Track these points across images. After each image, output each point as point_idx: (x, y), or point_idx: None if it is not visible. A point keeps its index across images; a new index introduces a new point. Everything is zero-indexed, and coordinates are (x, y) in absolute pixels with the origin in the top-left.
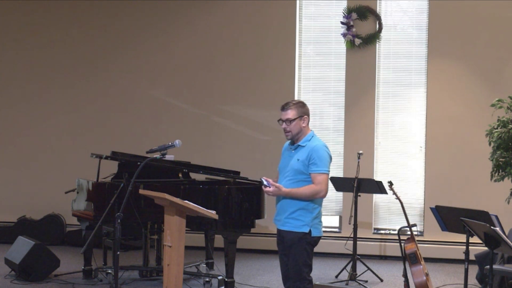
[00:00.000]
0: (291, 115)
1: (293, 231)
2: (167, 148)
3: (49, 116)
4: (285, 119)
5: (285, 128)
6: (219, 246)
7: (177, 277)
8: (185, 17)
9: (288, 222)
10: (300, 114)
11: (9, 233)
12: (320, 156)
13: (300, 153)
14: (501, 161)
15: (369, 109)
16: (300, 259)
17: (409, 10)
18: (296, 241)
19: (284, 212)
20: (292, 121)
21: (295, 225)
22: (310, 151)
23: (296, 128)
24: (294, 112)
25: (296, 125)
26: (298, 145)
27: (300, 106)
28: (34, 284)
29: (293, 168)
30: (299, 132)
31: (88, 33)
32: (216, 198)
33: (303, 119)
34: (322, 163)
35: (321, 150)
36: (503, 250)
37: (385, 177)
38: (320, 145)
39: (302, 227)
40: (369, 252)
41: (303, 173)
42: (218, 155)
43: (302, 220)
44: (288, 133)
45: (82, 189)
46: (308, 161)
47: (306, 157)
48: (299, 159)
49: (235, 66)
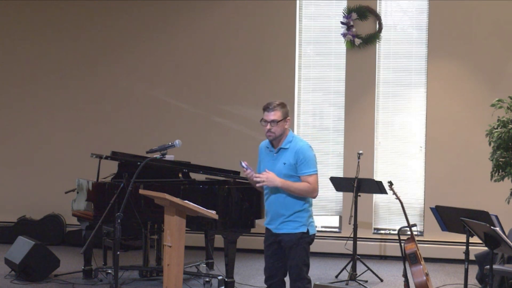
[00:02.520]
0: (277, 117)
1: (292, 233)
2: (167, 148)
3: (49, 116)
4: (270, 120)
5: (270, 129)
6: (219, 246)
7: (177, 277)
8: (185, 17)
9: (285, 225)
10: (285, 116)
11: (9, 233)
12: (307, 157)
13: (285, 156)
14: (501, 161)
15: (369, 109)
16: (300, 260)
17: (409, 10)
18: (295, 242)
19: (279, 217)
20: (277, 122)
21: (293, 226)
22: (297, 153)
23: (280, 130)
24: (279, 114)
25: (280, 126)
26: (281, 148)
27: (283, 107)
28: (34, 284)
29: (282, 173)
30: (282, 133)
31: (87, 33)
32: (216, 198)
33: (286, 121)
34: (310, 164)
35: (307, 151)
36: (503, 250)
37: (385, 177)
38: (305, 146)
39: (300, 228)
40: (369, 252)
41: (292, 176)
42: (218, 155)
43: (299, 221)
44: (271, 134)
45: (82, 189)
46: (296, 163)
47: (293, 159)
48: (285, 163)
49: (235, 66)
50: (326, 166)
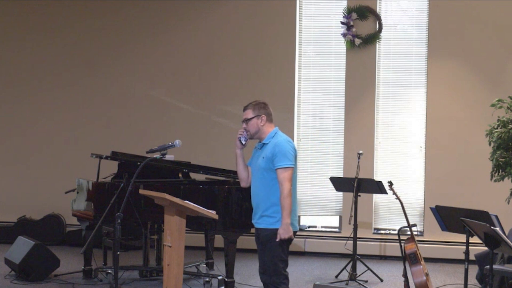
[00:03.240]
0: (248, 115)
1: (268, 228)
2: (167, 148)
3: (49, 116)
4: (244, 119)
5: (244, 127)
6: (219, 246)
7: (177, 277)
8: (185, 17)
9: (262, 219)
10: (257, 114)
11: (9, 233)
12: (283, 150)
13: (265, 150)
14: (501, 161)
15: (369, 109)
16: (275, 255)
17: (409, 10)
18: (270, 238)
19: (258, 210)
20: (248, 120)
21: (269, 222)
22: (273, 147)
23: (253, 128)
24: (250, 112)
25: (253, 124)
26: (263, 143)
27: (259, 107)
28: (34, 284)
29: (260, 167)
30: (257, 131)
31: (88, 33)
32: (216, 198)
33: (260, 118)
34: (285, 158)
35: (284, 145)
36: (503, 250)
37: (385, 177)
38: (282, 140)
39: (276, 223)
40: (369, 252)
41: (269, 169)
42: (218, 155)
43: (275, 217)
44: (247, 132)
45: (82, 189)
46: (272, 156)
47: (270, 153)
48: (263, 157)
49: (235, 66)
50: (326, 166)
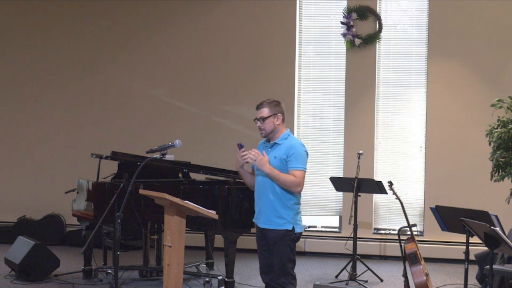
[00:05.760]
0: (265, 113)
1: (277, 229)
2: (167, 148)
3: (49, 116)
4: (259, 117)
5: (260, 126)
6: (219, 246)
7: (177, 277)
8: (185, 17)
9: (270, 220)
10: (274, 112)
11: (9, 233)
12: (298, 153)
13: (277, 150)
14: (501, 161)
15: (369, 109)
16: (284, 256)
17: (409, 10)
18: (279, 239)
19: (266, 211)
20: (265, 119)
21: (278, 223)
22: (288, 149)
23: (270, 126)
24: (267, 110)
25: (269, 123)
26: (275, 143)
27: (274, 104)
28: (34, 284)
29: (271, 165)
30: (273, 130)
31: (87, 33)
32: (216, 198)
33: (276, 117)
34: (300, 160)
35: (299, 148)
36: (503, 250)
37: (385, 177)
38: (298, 143)
39: (285, 225)
40: (369, 252)
41: (280, 169)
42: (218, 155)
43: (284, 218)
44: (262, 131)
45: (82, 189)
46: (286, 158)
47: (284, 154)
48: (276, 157)
49: (235, 66)
50: (326, 166)
